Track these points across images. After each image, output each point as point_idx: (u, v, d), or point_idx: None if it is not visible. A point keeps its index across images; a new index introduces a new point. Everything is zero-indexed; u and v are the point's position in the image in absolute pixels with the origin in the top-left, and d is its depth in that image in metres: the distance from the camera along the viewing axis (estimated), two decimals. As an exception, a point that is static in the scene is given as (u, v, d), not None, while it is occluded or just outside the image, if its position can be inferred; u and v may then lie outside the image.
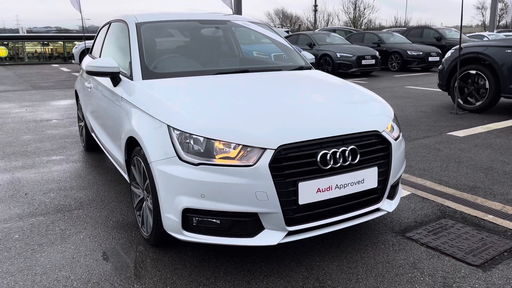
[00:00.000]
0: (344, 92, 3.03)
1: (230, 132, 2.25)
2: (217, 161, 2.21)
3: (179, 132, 2.29)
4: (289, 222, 2.26)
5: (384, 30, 21.31)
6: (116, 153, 3.28)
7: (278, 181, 2.18)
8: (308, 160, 2.25)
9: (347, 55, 13.29)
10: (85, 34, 14.95)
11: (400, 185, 2.95)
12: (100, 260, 2.55)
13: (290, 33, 18.51)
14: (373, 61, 13.48)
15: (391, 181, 2.59)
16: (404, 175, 3.97)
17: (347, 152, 2.34)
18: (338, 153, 2.31)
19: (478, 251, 2.62)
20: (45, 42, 23.90)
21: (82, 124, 4.88)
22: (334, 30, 20.54)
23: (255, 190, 2.16)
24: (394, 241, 2.75)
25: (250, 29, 3.87)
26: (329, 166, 2.29)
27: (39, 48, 23.76)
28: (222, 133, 2.25)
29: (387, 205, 2.65)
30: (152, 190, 2.43)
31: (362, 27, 50.76)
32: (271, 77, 3.22)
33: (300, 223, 2.29)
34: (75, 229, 2.95)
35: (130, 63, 3.12)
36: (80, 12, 12.41)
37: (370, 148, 2.46)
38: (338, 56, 13.35)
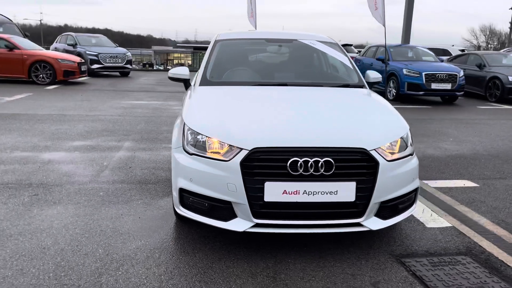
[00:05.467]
0: (360, 109, 3.14)
1: (224, 133, 2.72)
2: (208, 154, 2.71)
3: (188, 128, 2.88)
4: (256, 215, 2.60)
5: None
6: None
7: (247, 177, 2.55)
8: (279, 164, 2.56)
9: (521, 79, 11.60)
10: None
11: (412, 210, 2.92)
12: (136, 220, 3.32)
13: (462, 52, 16.89)
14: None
15: (376, 199, 2.64)
16: (466, 209, 3.68)
17: (320, 163, 2.54)
18: (310, 163, 2.54)
19: (465, 290, 2.45)
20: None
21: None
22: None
23: (227, 182, 2.59)
24: (381, 260, 2.76)
25: (313, 47, 4.15)
26: (299, 172, 2.54)
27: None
28: (218, 134, 2.73)
29: (371, 223, 2.70)
30: (172, 171, 3.07)
31: None
32: (299, 91, 3.52)
33: (266, 218, 2.61)
34: (138, 197, 3.81)
35: (198, 72, 3.84)
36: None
37: (349, 163, 2.59)
38: (510, 80, 11.78)
